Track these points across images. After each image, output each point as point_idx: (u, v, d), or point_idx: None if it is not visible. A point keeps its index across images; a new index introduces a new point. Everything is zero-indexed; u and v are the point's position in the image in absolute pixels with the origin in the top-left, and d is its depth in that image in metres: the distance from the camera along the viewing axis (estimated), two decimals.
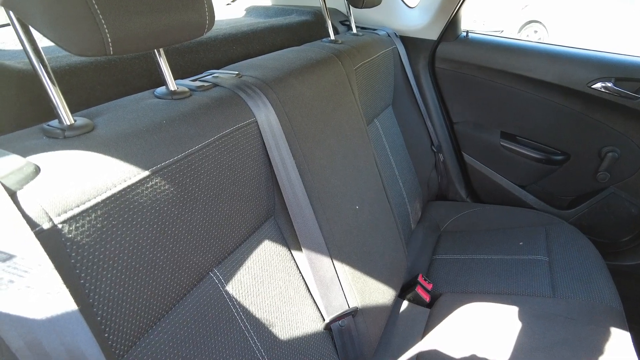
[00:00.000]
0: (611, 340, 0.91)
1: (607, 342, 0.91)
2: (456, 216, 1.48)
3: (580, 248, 1.21)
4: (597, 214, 1.49)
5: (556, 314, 0.99)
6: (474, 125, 1.60)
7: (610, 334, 0.93)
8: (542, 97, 1.44)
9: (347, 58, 1.07)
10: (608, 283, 1.08)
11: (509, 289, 1.10)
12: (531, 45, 1.47)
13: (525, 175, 1.57)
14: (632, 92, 1.30)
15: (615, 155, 1.38)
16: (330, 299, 0.79)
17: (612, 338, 0.92)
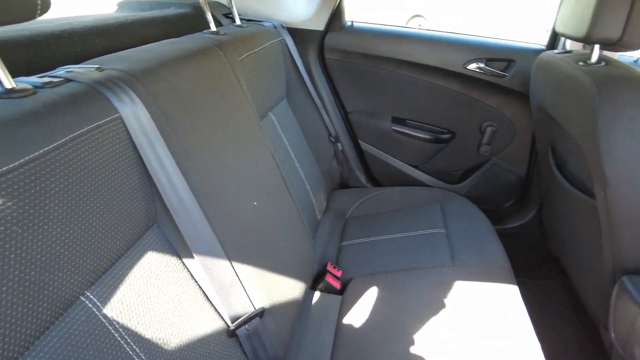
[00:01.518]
0: (504, 294, 0.99)
1: (501, 297, 0.99)
2: (359, 202, 1.51)
3: (472, 217, 1.30)
4: (483, 185, 1.62)
5: (457, 280, 1.04)
6: (367, 113, 1.64)
7: (502, 289, 1.01)
8: (426, 80, 1.52)
9: (230, 49, 1.01)
10: (497, 245, 1.17)
11: (414, 264, 1.14)
12: (412, 32, 1.54)
13: (417, 156, 1.66)
14: (500, 70, 1.43)
15: (494, 129, 1.51)
16: (233, 303, 0.74)
17: (504, 292, 1.00)
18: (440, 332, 0.92)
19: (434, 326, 0.93)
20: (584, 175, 1.01)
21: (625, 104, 0.82)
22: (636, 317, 0.82)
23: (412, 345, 0.89)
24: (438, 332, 0.92)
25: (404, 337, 0.91)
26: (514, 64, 1.41)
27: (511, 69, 1.41)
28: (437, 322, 0.94)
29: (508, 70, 1.42)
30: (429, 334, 0.91)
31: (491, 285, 1.03)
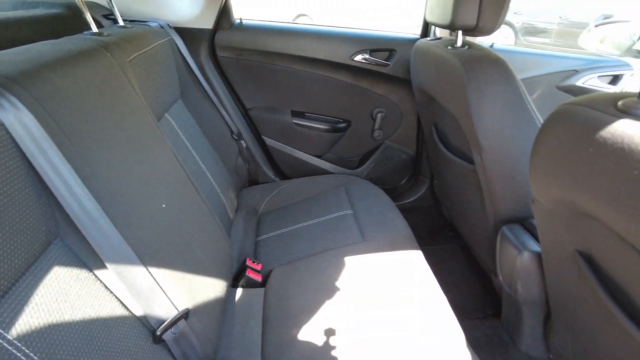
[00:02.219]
0: (410, 260, 1.10)
1: (408, 263, 1.09)
2: (270, 196, 1.53)
3: (375, 196, 1.41)
4: (380, 166, 1.75)
5: (369, 253, 1.13)
6: (267, 108, 1.67)
7: (408, 255, 1.11)
8: (318, 73, 1.59)
9: (117, 50, 0.96)
10: (400, 218, 1.28)
11: (328, 245, 1.19)
12: (301, 27, 1.60)
13: (319, 147, 1.73)
14: (384, 60, 1.56)
15: (383, 115, 1.64)
16: (155, 309, 0.72)
17: (410, 257, 1.10)
18: (360, 303, 0.98)
19: (353, 299, 1.00)
20: (463, 146, 1.16)
21: (487, 81, 0.96)
22: (515, 258, 0.97)
23: (335, 322, 0.94)
24: (358, 303, 0.98)
25: (328, 316, 0.96)
26: (395, 53, 1.54)
27: (393, 57, 1.55)
28: (356, 295, 1.01)
29: (390, 59, 1.55)
30: (350, 307, 0.97)
31: (399, 253, 1.13)
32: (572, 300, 0.80)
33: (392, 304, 0.97)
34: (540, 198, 0.72)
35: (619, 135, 0.49)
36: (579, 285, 0.75)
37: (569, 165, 0.58)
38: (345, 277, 1.07)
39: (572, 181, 0.59)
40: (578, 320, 0.82)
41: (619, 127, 0.49)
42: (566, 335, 0.91)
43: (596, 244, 0.66)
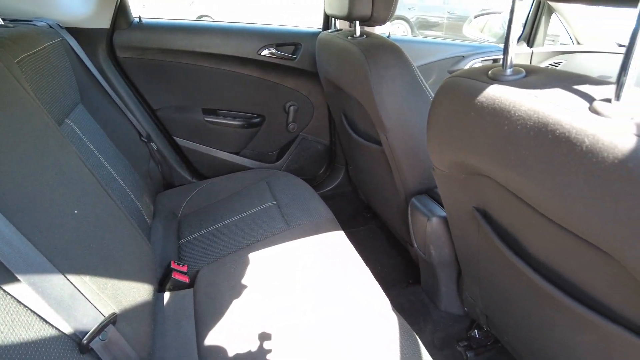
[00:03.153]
0: (334, 241, 1.15)
1: (333, 242, 1.14)
2: (188, 198, 1.50)
3: (296, 186, 1.44)
4: (298, 158, 1.79)
5: (295, 239, 1.16)
6: (176, 108, 1.63)
7: (332, 236, 1.17)
8: (227, 69, 1.59)
9: (2, 50, 0.88)
10: (321, 203, 1.33)
11: (255, 238, 1.21)
12: (206, 24, 1.59)
13: (235, 143, 1.73)
14: (290, 54, 1.60)
15: (296, 107, 1.69)
16: (78, 317, 0.68)
17: (334, 239, 1.16)
18: (290, 288, 1.01)
19: (284, 285, 1.02)
20: (370, 129, 1.24)
21: (385, 66, 1.04)
22: (425, 225, 1.07)
23: (268, 310, 0.96)
24: (288, 289, 1.01)
25: (260, 306, 0.98)
26: (301, 47, 1.59)
27: (299, 51, 1.60)
28: (286, 281, 1.04)
29: (296, 53, 1.60)
30: (281, 294, 1.00)
31: (323, 236, 1.18)
32: (476, 254, 0.91)
33: (320, 284, 1.01)
34: (438, 165, 0.80)
35: (490, 97, 0.57)
36: (479, 239, 0.85)
37: (457, 130, 0.67)
38: (274, 265, 1.09)
39: (461, 144, 0.67)
40: (482, 270, 0.93)
41: (490, 91, 0.58)
42: (475, 287, 1.02)
43: (488, 199, 0.75)
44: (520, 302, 0.82)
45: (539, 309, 0.76)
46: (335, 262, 1.08)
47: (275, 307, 0.97)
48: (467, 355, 1.18)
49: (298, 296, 0.99)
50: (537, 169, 0.53)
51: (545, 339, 0.80)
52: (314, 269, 1.06)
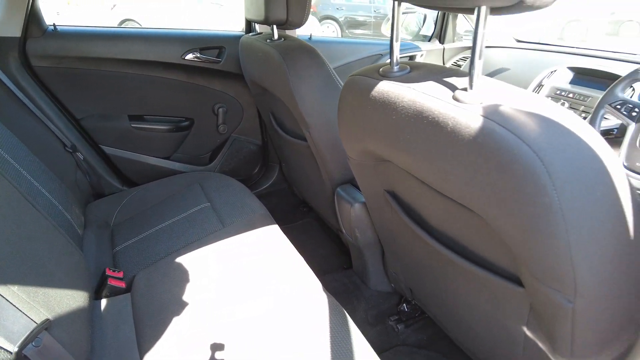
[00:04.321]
0: (269, 235, 1.21)
1: (267, 236, 1.20)
2: (120, 206, 1.48)
3: (229, 186, 1.48)
4: (231, 159, 1.83)
5: (230, 238, 1.20)
6: (101, 116, 1.60)
7: (267, 230, 1.22)
8: (151, 75, 1.59)
9: None
10: (254, 200, 1.38)
11: (190, 239, 1.23)
12: (127, 30, 1.58)
13: (165, 148, 1.73)
14: (215, 57, 1.63)
15: (225, 109, 1.72)
16: (9, 326, 0.69)
17: (269, 233, 1.21)
18: (226, 285, 1.05)
19: (220, 283, 1.06)
20: (295, 127, 1.31)
21: (302, 67, 1.12)
22: (350, 211, 1.16)
23: (206, 306, 0.99)
24: (225, 286, 1.05)
25: (198, 303, 1.01)
26: (225, 50, 1.63)
27: (223, 54, 1.63)
28: (222, 278, 1.07)
29: (221, 56, 1.64)
30: (218, 292, 1.03)
31: (257, 231, 1.23)
32: (391, 232, 1.01)
33: (255, 277, 1.06)
34: (351, 154, 0.89)
35: (380, 92, 0.66)
36: (392, 218, 0.96)
37: (359, 122, 0.76)
38: (210, 263, 1.13)
39: (364, 134, 0.76)
40: (398, 246, 1.03)
41: (380, 87, 0.67)
42: (396, 263, 1.13)
43: (394, 181, 0.85)
44: (430, 271, 0.93)
45: (444, 274, 0.87)
46: (269, 255, 1.14)
47: (212, 303, 1.00)
48: (397, 328, 1.29)
49: (234, 290, 1.03)
50: (420, 149, 0.62)
51: (453, 301, 0.92)
52: (249, 264, 1.11)
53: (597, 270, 0.50)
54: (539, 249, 0.51)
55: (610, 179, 0.48)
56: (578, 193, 0.46)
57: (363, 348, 0.84)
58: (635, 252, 0.52)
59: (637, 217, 0.50)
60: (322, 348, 0.85)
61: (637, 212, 0.50)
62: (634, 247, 0.51)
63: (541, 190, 0.46)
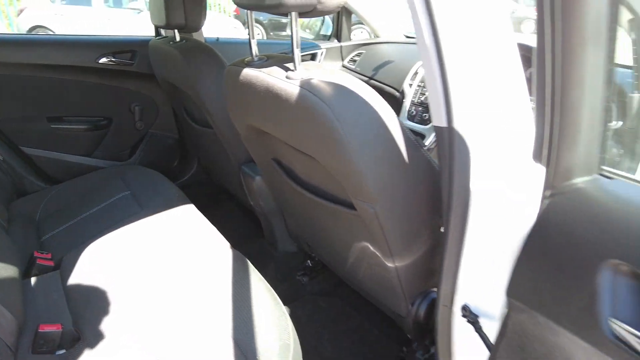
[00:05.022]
0: (185, 213, 1.36)
1: (184, 215, 1.36)
2: (44, 202, 1.56)
3: (149, 175, 1.63)
4: (150, 154, 1.98)
5: (149, 219, 1.35)
6: (19, 118, 1.69)
7: (184, 209, 1.38)
8: (68, 78, 1.71)
9: None
10: (172, 186, 1.55)
11: (113, 222, 1.34)
12: (40, 37, 1.68)
13: (85, 146, 1.84)
14: (128, 60, 1.78)
15: (141, 107, 1.87)
16: None
17: (185, 211, 1.37)
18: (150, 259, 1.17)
19: (145, 257, 1.18)
20: (203, 117, 1.51)
21: (201, 63, 1.32)
22: (253, 184, 1.38)
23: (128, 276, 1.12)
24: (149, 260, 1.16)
25: (124, 274, 1.13)
26: (137, 53, 1.78)
27: (136, 57, 1.79)
28: (145, 253, 1.20)
29: (134, 58, 1.79)
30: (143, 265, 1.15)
31: (174, 211, 1.39)
32: (283, 193, 1.24)
33: (174, 249, 1.19)
34: (240, 131, 1.11)
35: (245, 76, 0.89)
36: (282, 183, 1.19)
37: (239, 102, 0.98)
38: (133, 240, 1.24)
39: (243, 112, 0.99)
40: (289, 204, 1.27)
41: (245, 72, 0.90)
42: (292, 221, 1.37)
43: (275, 149, 1.09)
44: (311, 219, 1.18)
45: (319, 217, 1.12)
46: (184, 231, 1.27)
47: (135, 271, 1.13)
48: (303, 280, 1.54)
49: (155, 261, 1.16)
50: (276, 117, 0.86)
51: (331, 241, 1.17)
52: (167, 238, 1.24)
53: (381, 182, 0.76)
54: (343, 171, 0.76)
55: (383, 121, 0.74)
56: (359, 131, 0.72)
57: (270, 296, 1.01)
58: (408, 170, 0.79)
59: (406, 145, 0.77)
60: (229, 299, 0.99)
61: (407, 143, 0.77)
62: (408, 167, 0.78)
63: (334, 132, 0.71)
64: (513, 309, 0.55)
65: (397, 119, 0.77)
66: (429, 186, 0.82)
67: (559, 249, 0.46)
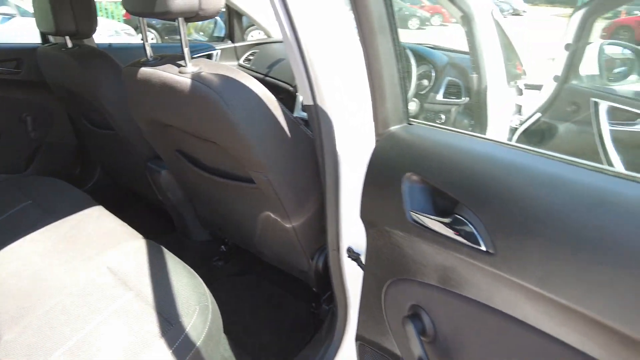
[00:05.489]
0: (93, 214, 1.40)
1: (91, 217, 1.40)
2: None
3: (52, 184, 1.61)
4: (49, 163, 1.94)
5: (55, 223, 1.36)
6: None
7: (90, 211, 1.41)
8: None
9: None
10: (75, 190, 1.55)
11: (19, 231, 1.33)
12: None
13: None
14: (14, 68, 1.74)
15: (32, 117, 1.83)
16: None
17: (92, 212, 1.41)
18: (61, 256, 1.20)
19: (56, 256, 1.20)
20: (102, 119, 1.55)
21: (99, 67, 1.38)
22: (159, 178, 1.47)
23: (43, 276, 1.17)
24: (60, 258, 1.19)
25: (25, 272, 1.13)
26: (24, 61, 1.75)
27: (23, 65, 1.75)
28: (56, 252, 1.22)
29: (21, 67, 1.75)
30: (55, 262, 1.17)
31: (84, 213, 1.41)
32: (191, 183, 1.36)
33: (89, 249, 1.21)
34: (143, 127, 1.21)
35: (142, 74, 1.00)
36: (188, 172, 1.30)
37: (139, 100, 1.09)
38: (43, 243, 1.26)
39: (144, 108, 1.10)
40: (196, 191, 1.39)
41: (141, 72, 1.01)
42: (201, 207, 1.49)
43: (178, 140, 1.20)
44: (217, 200, 1.32)
45: (225, 198, 1.26)
46: (98, 229, 1.29)
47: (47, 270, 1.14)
48: (219, 264, 1.66)
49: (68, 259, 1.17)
50: (173, 108, 0.99)
51: (238, 219, 1.32)
52: (79, 239, 1.25)
53: (270, 153, 0.93)
54: (238, 148, 0.92)
55: (265, 103, 0.91)
56: (246, 113, 0.88)
57: (186, 271, 1.10)
58: (291, 142, 0.97)
59: (287, 122, 0.94)
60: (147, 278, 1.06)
61: (288, 120, 0.95)
62: (290, 140, 0.96)
63: (225, 115, 0.86)
64: (366, 228, 0.75)
65: (277, 101, 0.95)
66: (309, 155, 1.01)
67: (381, 173, 0.67)
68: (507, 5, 12.50)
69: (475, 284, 0.54)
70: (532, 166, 0.50)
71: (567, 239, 0.43)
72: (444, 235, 0.55)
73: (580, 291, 0.42)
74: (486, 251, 0.50)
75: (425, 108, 1.84)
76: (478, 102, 1.67)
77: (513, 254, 0.47)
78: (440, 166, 0.58)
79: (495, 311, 0.53)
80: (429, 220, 0.58)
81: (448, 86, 1.77)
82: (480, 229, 0.50)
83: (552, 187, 0.46)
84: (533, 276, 0.46)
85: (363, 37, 0.61)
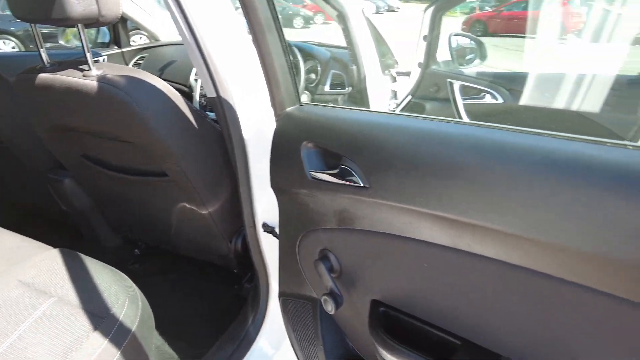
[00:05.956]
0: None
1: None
2: None
3: None
4: None
5: None
6: None
7: None
8: None
9: None
10: None
11: None
12: None
13: None
14: None
15: None
16: None
17: None
18: None
19: None
20: None
21: None
22: (63, 186, 1.45)
23: None
24: None
25: None
26: None
27: None
28: None
29: None
30: None
31: None
32: (100, 187, 1.37)
33: None
34: (43, 135, 1.20)
35: (41, 82, 1.02)
36: (95, 176, 1.32)
37: (38, 106, 1.09)
38: None
39: (46, 114, 1.10)
40: (109, 195, 1.40)
41: (40, 78, 1.02)
42: (113, 211, 1.50)
43: (86, 145, 1.22)
44: (129, 200, 1.35)
45: (137, 196, 1.30)
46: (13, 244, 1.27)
47: None
48: (135, 267, 1.67)
49: None
50: (80, 112, 1.03)
51: (152, 216, 1.37)
52: None
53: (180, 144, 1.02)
54: (150, 142, 1.00)
55: (170, 98, 1.00)
56: (154, 109, 0.96)
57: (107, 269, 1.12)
58: (199, 133, 1.07)
59: (194, 115, 1.04)
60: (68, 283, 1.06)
61: (194, 113, 1.05)
62: (197, 131, 1.06)
63: (135, 113, 0.94)
64: (277, 195, 0.89)
65: (182, 97, 1.04)
66: (217, 143, 1.12)
67: (283, 147, 0.81)
68: (383, 3, 13.62)
69: (361, 216, 0.72)
70: (391, 123, 0.69)
71: (412, 165, 0.62)
72: (336, 183, 0.72)
73: (424, 198, 0.61)
74: (364, 186, 0.68)
75: (315, 99, 2.03)
76: (359, 91, 1.91)
77: (381, 185, 0.66)
78: (328, 133, 0.75)
79: (379, 234, 0.71)
80: (323, 175, 0.74)
81: (333, 78, 1.98)
82: (357, 171, 0.68)
83: (404, 134, 0.65)
84: (394, 196, 0.64)
85: (255, 35, 0.75)
